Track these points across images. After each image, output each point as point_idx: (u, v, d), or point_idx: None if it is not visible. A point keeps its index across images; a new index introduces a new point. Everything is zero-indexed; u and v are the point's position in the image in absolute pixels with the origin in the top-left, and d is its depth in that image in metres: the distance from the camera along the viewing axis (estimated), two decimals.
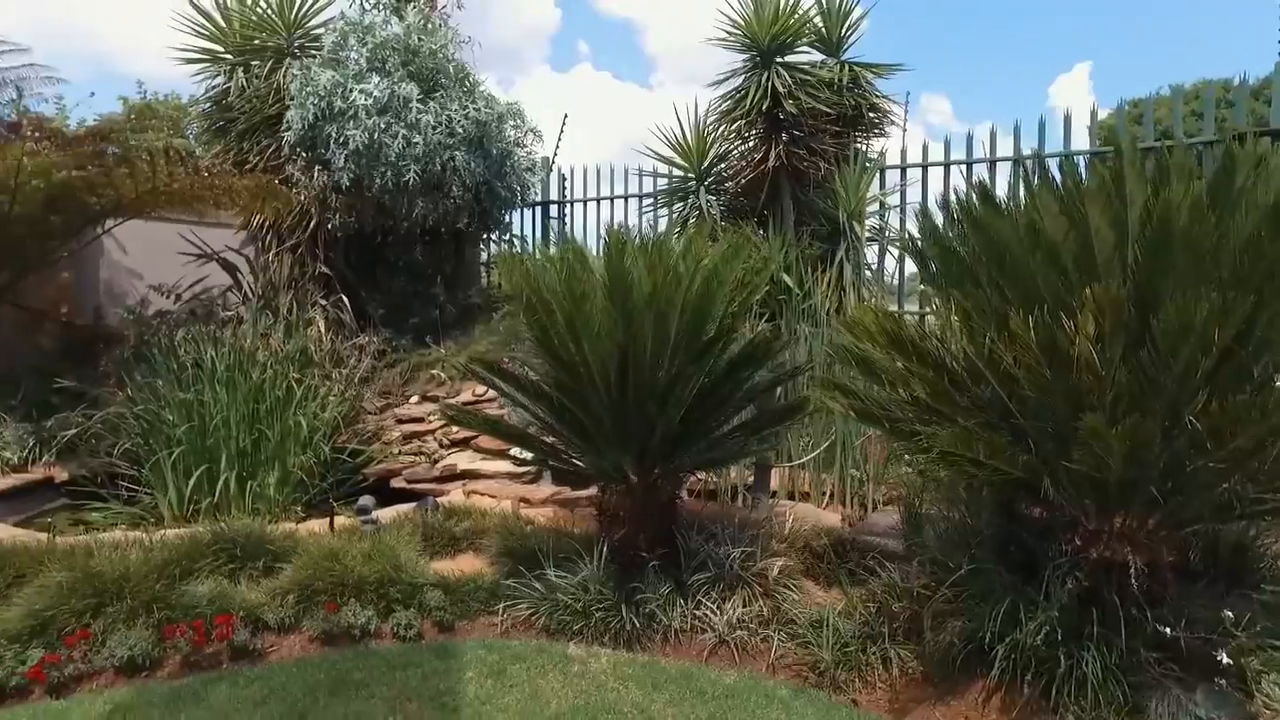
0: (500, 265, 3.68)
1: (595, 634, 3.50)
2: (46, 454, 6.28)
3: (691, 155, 7.52)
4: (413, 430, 6.77)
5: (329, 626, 3.50)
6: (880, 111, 7.29)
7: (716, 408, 3.65)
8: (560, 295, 3.42)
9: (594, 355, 3.41)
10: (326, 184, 7.51)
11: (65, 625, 3.36)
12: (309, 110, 7.26)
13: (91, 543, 3.97)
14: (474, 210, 8.08)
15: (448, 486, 6.08)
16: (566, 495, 5.06)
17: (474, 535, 4.46)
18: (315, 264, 8.19)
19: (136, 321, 7.80)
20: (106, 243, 8.39)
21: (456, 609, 3.71)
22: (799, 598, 3.61)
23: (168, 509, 5.93)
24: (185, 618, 3.42)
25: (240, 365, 6.25)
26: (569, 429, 3.74)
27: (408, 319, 8.08)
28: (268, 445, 6.08)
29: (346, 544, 3.97)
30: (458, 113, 7.56)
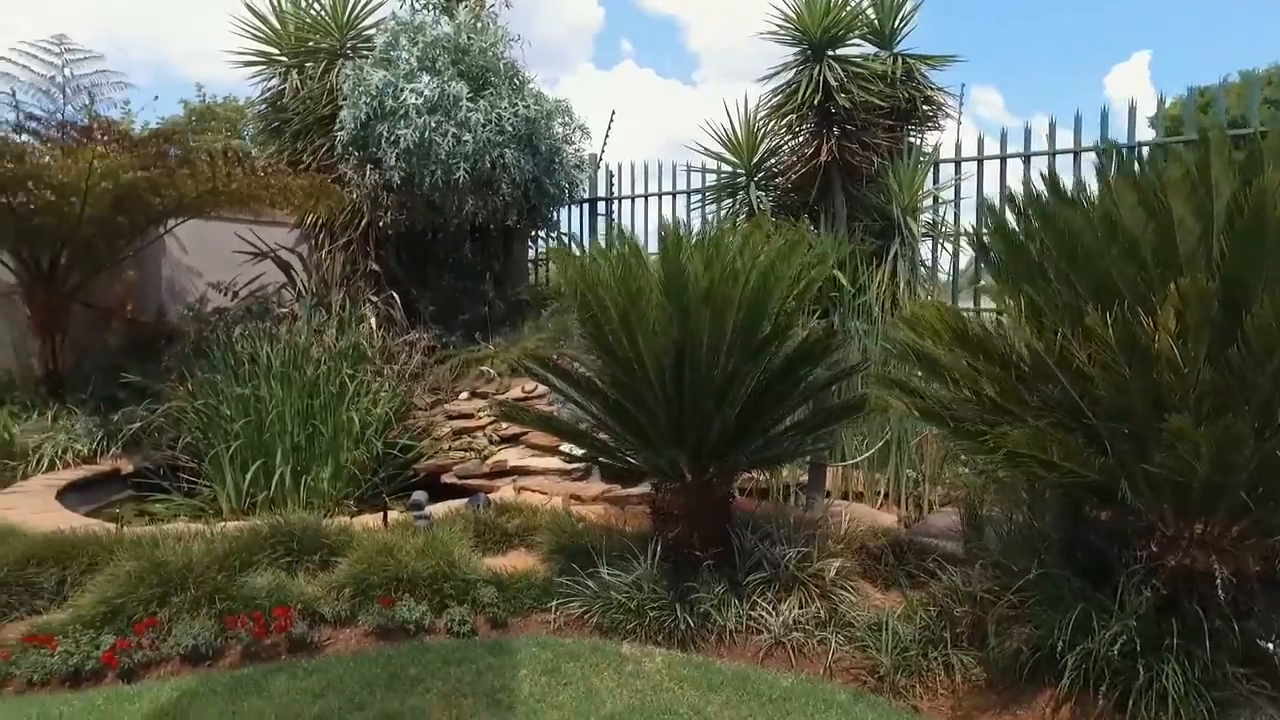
0: (555, 261, 3.67)
1: (649, 633, 3.47)
2: (114, 446, 6.47)
3: (741, 150, 7.43)
4: (462, 426, 6.82)
5: (384, 621, 3.53)
6: (934, 104, 7.13)
7: (773, 405, 3.59)
8: (615, 291, 3.39)
9: (649, 352, 3.38)
10: (378, 182, 7.60)
11: (134, 613, 3.44)
12: (361, 110, 7.36)
13: (157, 533, 4.06)
14: (523, 207, 8.11)
15: (498, 482, 6.11)
16: (617, 493, 5.03)
17: (526, 532, 4.46)
18: (366, 261, 8.31)
19: (196, 318, 8.00)
20: (168, 242, 8.62)
21: (509, 605, 3.72)
22: (856, 600, 3.53)
23: (226, 502, 6.07)
24: (245, 609, 3.47)
25: (295, 361, 6.36)
26: (623, 425, 3.71)
27: (457, 316, 8.14)
28: (321, 440, 6.18)
29: (400, 539, 4.00)
30: (507, 110, 7.59)
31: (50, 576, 3.78)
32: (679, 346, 3.26)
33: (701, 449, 3.57)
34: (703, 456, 3.62)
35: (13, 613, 3.62)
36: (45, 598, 3.73)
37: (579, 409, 3.98)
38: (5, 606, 3.61)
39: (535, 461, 6.07)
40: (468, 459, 6.46)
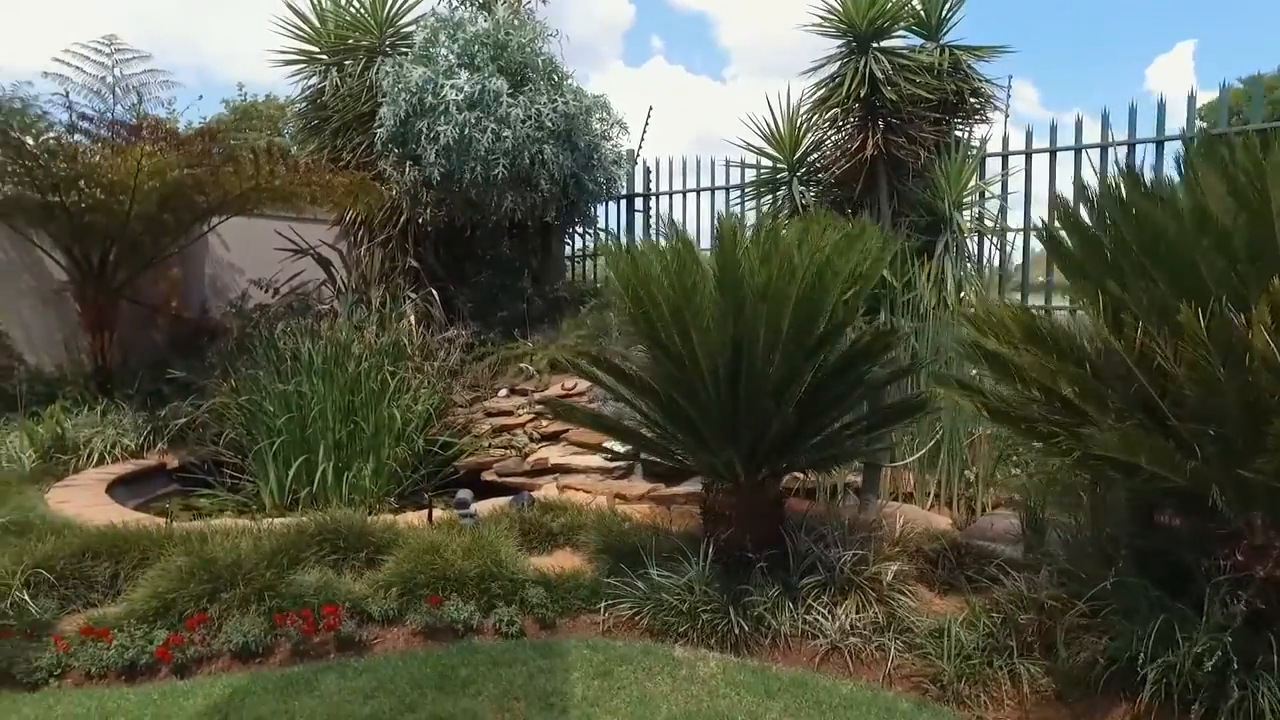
0: (606, 256, 3.60)
1: (701, 636, 3.40)
2: (160, 442, 6.54)
3: (783, 145, 7.31)
4: (502, 424, 6.79)
5: (432, 620, 3.49)
6: (982, 96, 6.95)
7: (831, 405, 3.49)
8: (668, 286, 3.32)
9: (703, 348, 3.31)
10: (417, 179, 7.60)
11: (185, 608, 3.45)
12: (401, 106, 7.36)
13: (205, 529, 4.07)
14: (561, 203, 8.08)
15: (539, 481, 6.08)
16: (662, 492, 4.97)
17: (570, 531, 4.41)
18: (405, 258, 8.32)
19: (238, 315, 8.08)
20: (211, 240, 8.72)
21: (557, 606, 3.66)
22: (915, 604, 3.43)
23: (269, 497, 6.10)
24: (294, 606, 3.46)
25: (336, 358, 6.38)
26: (675, 424, 3.64)
27: (495, 312, 8.13)
28: (363, 437, 6.18)
29: (446, 537, 3.97)
30: (546, 106, 7.55)
31: (104, 570, 3.80)
32: (735, 343, 3.18)
33: (757, 449, 3.49)
34: (758, 457, 3.54)
35: (70, 605, 3.64)
36: (100, 590, 3.76)
37: (630, 407, 3.91)
38: (63, 599, 3.64)
39: (576, 459, 6.02)
40: (508, 456, 6.43)
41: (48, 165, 6.25)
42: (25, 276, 7.65)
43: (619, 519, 4.53)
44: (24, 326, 7.55)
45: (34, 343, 7.59)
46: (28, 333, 7.56)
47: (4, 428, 6.35)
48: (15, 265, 7.62)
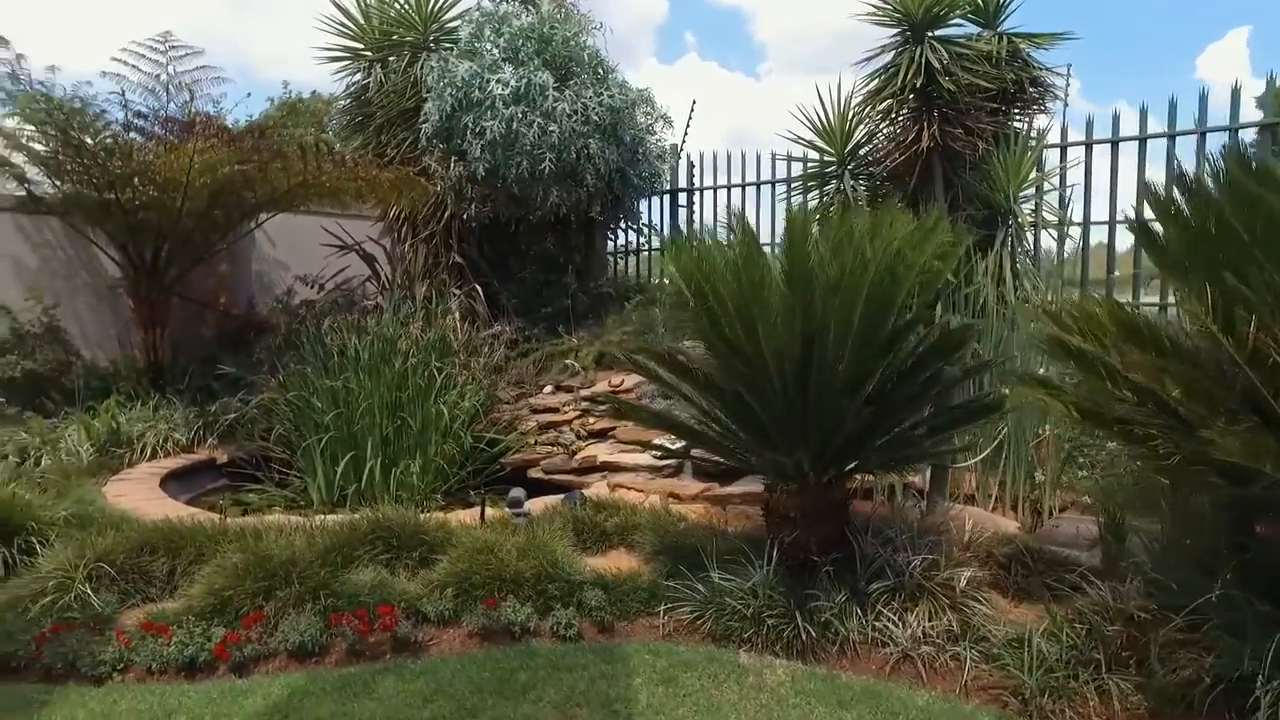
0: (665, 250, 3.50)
1: (766, 642, 3.28)
2: (210, 436, 6.59)
3: (834, 138, 7.14)
4: (549, 420, 6.73)
5: (488, 622, 3.42)
6: (1041, 86, 6.71)
7: (905, 404, 3.35)
8: (732, 280, 3.21)
9: (769, 345, 3.19)
10: (462, 174, 7.56)
11: (241, 605, 3.42)
12: (446, 101, 7.32)
13: (259, 525, 4.06)
14: (606, 198, 8.00)
15: (587, 479, 6.00)
16: (717, 492, 4.86)
17: (625, 531, 4.32)
18: (449, 254, 8.30)
19: (285, 311, 8.12)
20: (258, 236, 8.78)
21: (616, 609, 3.57)
22: (990, 612, 3.28)
23: (316, 493, 6.10)
24: (349, 606, 3.41)
25: (383, 354, 6.36)
26: (739, 423, 3.53)
27: (539, 308, 8.07)
28: (409, 433, 6.16)
29: (500, 537, 3.90)
30: (592, 100, 7.47)
31: (162, 565, 3.80)
32: (806, 340, 3.06)
33: (827, 449, 3.36)
34: (827, 457, 3.41)
35: (129, 599, 3.65)
36: (158, 585, 3.76)
37: (690, 404, 3.80)
38: (123, 593, 3.64)
39: (625, 457, 5.93)
40: (554, 454, 6.37)
41: (105, 163, 6.33)
42: (82, 273, 7.77)
43: (674, 519, 4.43)
44: (80, 322, 7.67)
45: (90, 338, 7.71)
46: (84, 328, 7.68)
47: (63, 422, 6.44)
48: (73, 262, 7.74)
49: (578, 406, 6.86)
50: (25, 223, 7.52)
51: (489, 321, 7.64)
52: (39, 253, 7.61)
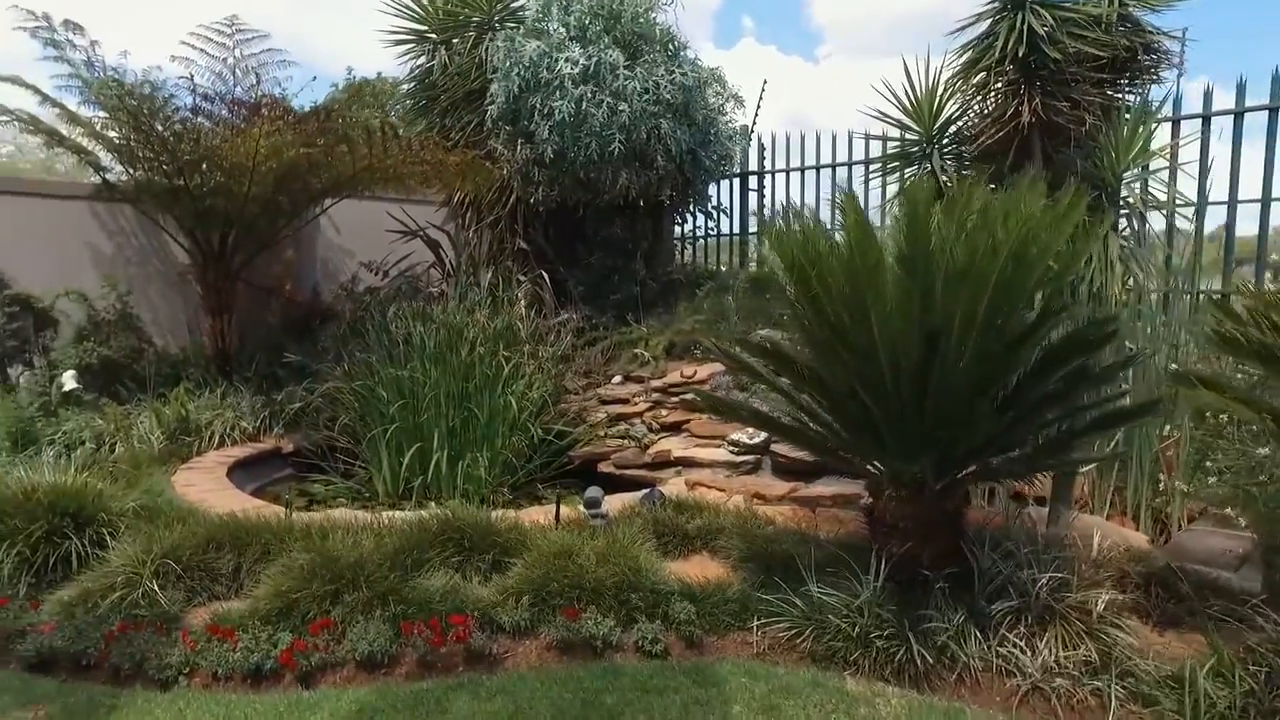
0: (767, 234, 3.18)
1: (875, 666, 2.96)
2: (276, 426, 6.51)
3: (922, 115, 6.68)
4: (618, 412, 6.48)
5: (568, 635, 3.17)
6: (1155, 53, 6.14)
7: (1043, 405, 2.97)
8: (840, 267, 2.88)
9: (883, 338, 2.85)
10: (529, 157, 7.33)
11: (308, 609, 3.25)
12: (513, 82, 7.08)
13: (325, 522, 3.89)
14: (677, 181, 7.68)
15: (660, 474, 5.73)
16: (805, 493, 4.53)
17: (707, 534, 4.03)
18: (514, 239, 8.10)
19: (349, 298, 8.03)
20: (322, 222, 8.71)
21: (705, 622, 3.29)
22: (1134, 643, 2.90)
23: (381, 485, 5.96)
24: (419, 613, 3.20)
25: (449, 342, 6.18)
26: (845, 422, 3.20)
27: (608, 296, 7.81)
28: (476, 425, 5.97)
29: (577, 540, 3.66)
30: (663, 78, 7.15)
31: (227, 563, 3.66)
32: (926, 332, 2.71)
33: (949, 455, 3.01)
34: (950, 461, 3.06)
35: (195, 597, 3.53)
36: (223, 583, 3.63)
37: (787, 400, 3.48)
38: (189, 591, 3.52)
39: (700, 452, 5.65)
40: (625, 447, 6.11)
41: (174, 149, 6.27)
42: (154, 260, 7.80)
43: (760, 522, 4.14)
44: (153, 309, 7.70)
45: (161, 325, 7.74)
46: (156, 315, 7.71)
47: (136, 408, 6.43)
48: (145, 250, 7.77)
49: (648, 398, 6.59)
50: (101, 210, 7.57)
51: (555, 309, 7.41)
52: (114, 240, 7.66)
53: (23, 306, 6.89)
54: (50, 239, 7.20)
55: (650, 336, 7.26)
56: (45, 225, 7.20)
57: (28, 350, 6.89)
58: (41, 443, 5.84)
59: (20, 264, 6.85)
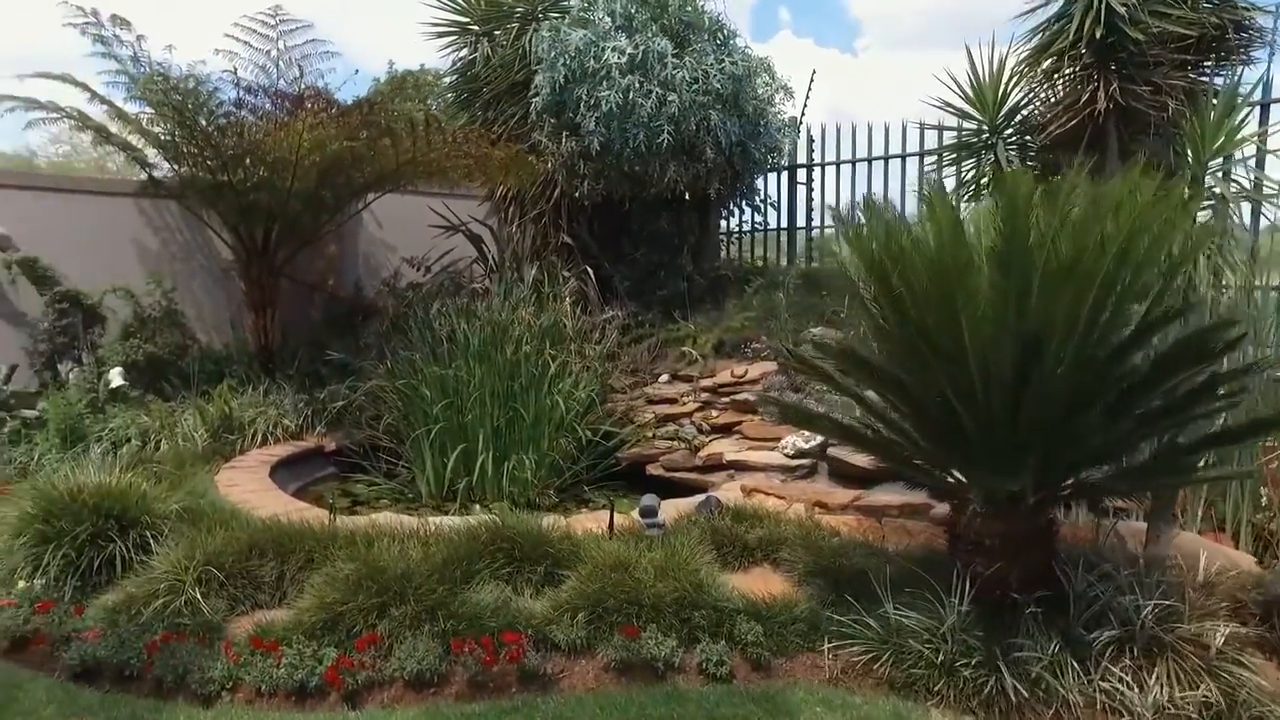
0: (844, 232, 2.94)
1: (961, 697, 2.72)
2: (319, 424, 6.42)
3: (986, 103, 6.36)
4: (667, 413, 6.27)
5: (627, 655, 2.98)
6: (1248, 30, 5.74)
7: (1162, 416, 2.70)
8: (923, 266, 2.63)
9: (974, 342, 2.60)
10: (574, 150, 7.14)
11: (353, 623, 3.10)
12: (558, 73, 6.90)
13: (370, 528, 3.74)
14: (726, 174, 7.44)
15: (711, 477, 5.52)
16: (870, 501, 4.29)
17: (769, 545, 3.81)
18: (558, 234, 7.93)
19: (391, 294, 7.93)
20: (365, 217, 8.62)
21: (772, 643, 3.07)
22: (1265, 685, 2.61)
23: (425, 486, 5.84)
24: (470, 629, 3.04)
25: (494, 340, 6.03)
26: (926, 431, 2.95)
27: (654, 291, 7.61)
28: (522, 425, 5.81)
29: (633, 552, 3.46)
30: (713, 67, 6.91)
31: (270, 570, 3.53)
32: (1024, 337, 2.46)
33: (1048, 467, 2.76)
34: (1045, 476, 2.80)
35: (238, 606, 3.41)
36: (266, 591, 3.49)
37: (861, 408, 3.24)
38: (232, 599, 3.40)
39: (753, 455, 5.42)
40: (674, 449, 5.91)
41: (218, 144, 6.20)
42: (198, 256, 7.78)
43: (824, 533, 3.90)
44: (197, 305, 7.68)
45: (205, 321, 7.71)
46: (200, 311, 7.69)
47: (180, 405, 6.39)
48: (189, 246, 7.75)
49: (697, 398, 6.38)
50: (147, 207, 7.56)
51: (600, 305, 7.22)
52: (159, 236, 7.65)
53: (72, 303, 6.89)
54: (98, 236, 7.20)
55: (698, 334, 7.05)
56: (93, 222, 7.20)
57: (77, 347, 6.90)
58: (89, 439, 5.81)
59: (69, 261, 6.85)
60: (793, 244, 9.22)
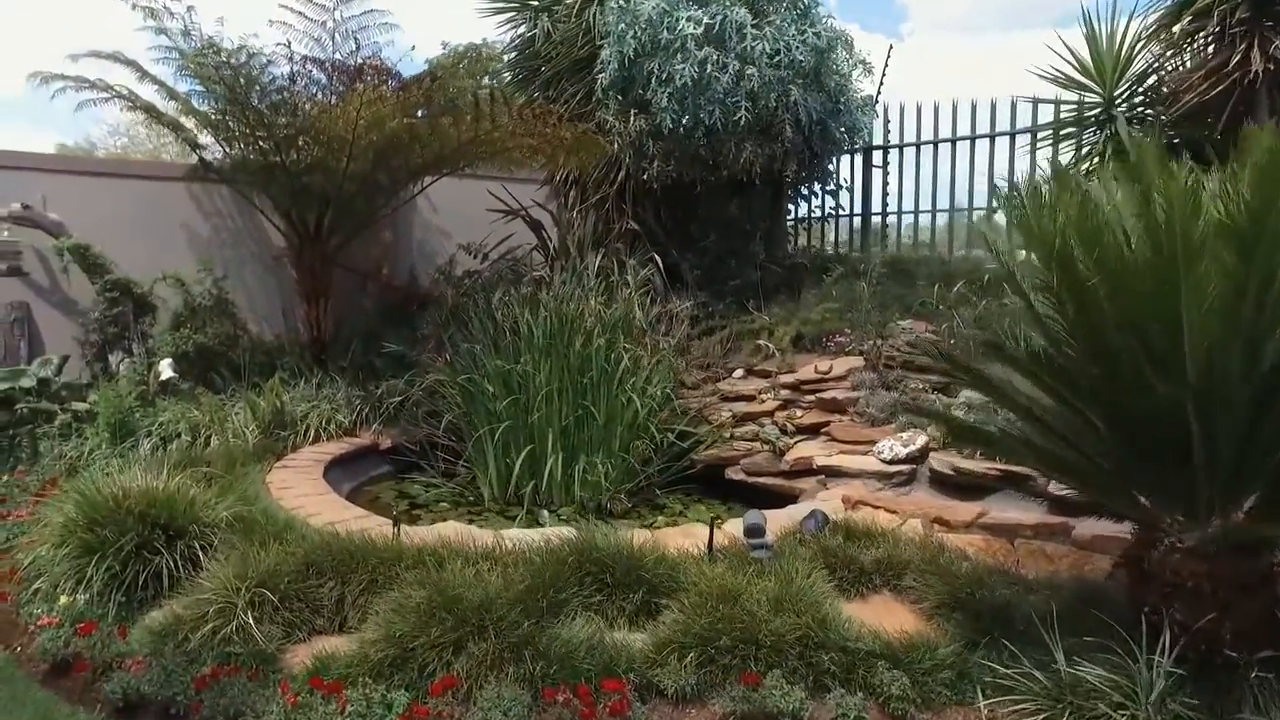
0: (1010, 212, 2.45)
1: None
2: (374, 421, 6.07)
3: (1102, 74, 5.75)
4: (744, 411, 5.79)
5: (747, 707, 2.53)
6: None
7: None
8: (1132, 250, 2.12)
9: (1194, 343, 2.08)
10: (643, 129, 6.67)
11: (425, 659, 2.69)
12: (628, 45, 6.43)
13: (439, 545, 3.33)
14: (804, 155, 6.91)
15: (798, 483, 5.05)
16: (999, 518, 3.78)
17: (888, 569, 3.33)
18: (622, 220, 7.45)
19: (448, 282, 7.56)
20: (420, 202, 8.26)
21: (916, 693, 2.60)
22: None
23: (487, 489, 5.46)
24: (561, 672, 2.61)
25: (561, 333, 5.60)
26: (1128, 449, 2.43)
27: (725, 281, 7.12)
28: (592, 425, 5.38)
29: (741, 579, 3.02)
30: (794, 39, 6.38)
31: (329, 592, 3.15)
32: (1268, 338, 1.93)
33: None
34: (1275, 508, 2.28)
35: (295, 632, 3.03)
36: (325, 615, 3.12)
37: (1025, 419, 2.73)
38: (288, 625, 3.03)
39: (846, 460, 4.92)
40: (755, 451, 5.42)
41: (270, 122, 5.87)
42: (249, 243, 7.48)
43: (950, 556, 3.40)
44: (248, 294, 7.38)
45: (256, 311, 7.42)
46: (251, 300, 7.39)
47: (230, 399, 6.09)
48: (240, 232, 7.46)
49: (777, 395, 5.88)
50: (198, 191, 7.29)
51: (667, 295, 6.74)
52: (210, 222, 7.37)
53: (122, 292, 6.63)
54: (148, 222, 6.94)
55: (774, 326, 6.54)
56: (143, 208, 6.95)
57: (127, 337, 6.65)
58: (139, 434, 5.53)
59: (119, 248, 6.59)
60: (866, 230, 8.65)
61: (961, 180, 7.87)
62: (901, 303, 6.43)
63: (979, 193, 7.75)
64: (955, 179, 7.93)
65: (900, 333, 5.96)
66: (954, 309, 5.89)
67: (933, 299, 6.25)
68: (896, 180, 8.43)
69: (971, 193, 7.85)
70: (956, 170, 7.90)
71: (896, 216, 8.50)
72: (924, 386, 5.43)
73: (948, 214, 8.10)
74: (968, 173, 7.80)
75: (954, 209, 8.01)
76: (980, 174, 7.71)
